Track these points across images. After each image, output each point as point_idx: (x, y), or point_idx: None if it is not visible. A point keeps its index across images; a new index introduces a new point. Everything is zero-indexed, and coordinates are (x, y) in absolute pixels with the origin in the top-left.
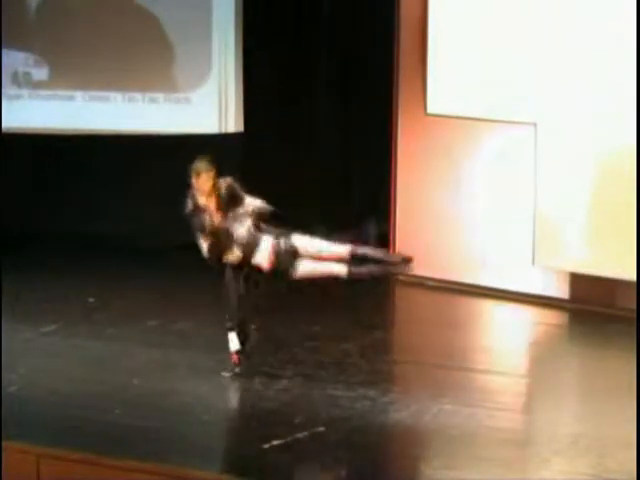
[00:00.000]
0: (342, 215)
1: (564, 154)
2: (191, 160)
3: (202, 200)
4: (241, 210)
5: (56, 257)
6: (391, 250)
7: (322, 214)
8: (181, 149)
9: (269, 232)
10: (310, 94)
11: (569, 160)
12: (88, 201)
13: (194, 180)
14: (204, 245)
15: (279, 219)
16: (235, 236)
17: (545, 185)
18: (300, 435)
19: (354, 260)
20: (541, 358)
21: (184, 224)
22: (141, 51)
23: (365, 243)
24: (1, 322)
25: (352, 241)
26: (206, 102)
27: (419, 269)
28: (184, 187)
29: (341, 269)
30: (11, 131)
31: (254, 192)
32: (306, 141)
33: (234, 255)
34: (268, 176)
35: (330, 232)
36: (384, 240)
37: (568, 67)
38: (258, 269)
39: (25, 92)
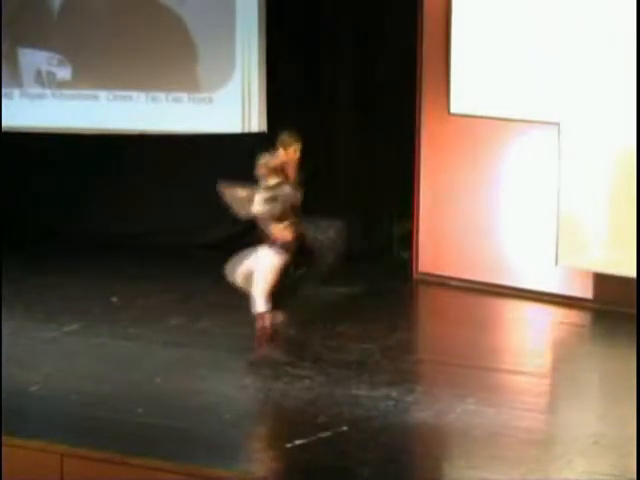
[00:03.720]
0: (366, 214)
1: (587, 154)
2: (213, 160)
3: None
4: None
5: (78, 257)
6: (413, 252)
7: (345, 214)
8: (202, 149)
9: None
10: (333, 94)
11: (592, 160)
12: (110, 200)
13: (281, 151)
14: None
15: None
16: None
17: (568, 185)
18: (323, 435)
19: None
20: (564, 358)
21: (205, 223)
22: (165, 51)
23: None
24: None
25: None
26: (229, 102)
27: (443, 269)
28: (205, 186)
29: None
30: (34, 130)
31: None
32: (329, 141)
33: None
34: None
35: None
36: (408, 241)
37: (591, 67)
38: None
39: (48, 92)
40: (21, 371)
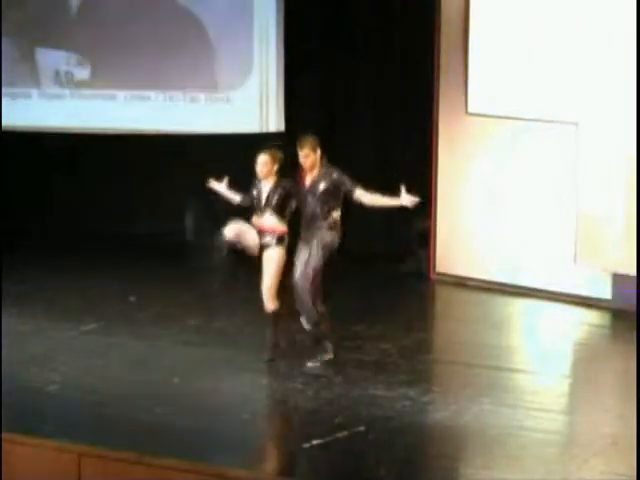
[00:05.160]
0: (383, 215)
1: (606, 153)
2: (227, 159)
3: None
4: None
5: (96, 256)
6: (431, 252)
7: (362, 214)
8: (217, 148)
9: None
10: (350, 93)
11: (611, 159)
12: (127, 200)
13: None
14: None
15: None
16: None
17: (587, 184)
18: (340, 435)
19: None
20: (582, 358)
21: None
22: (182, 51)
23: None
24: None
25: None
26: (247, 101)
27: (460, 269)
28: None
29: None
30: (52, 130)
31: None
32: (346, 139)
33: None
34: None
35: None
36: (425, 239)
37: (610, 66)
38: None
39: (67, 91)
40: (39, 370)
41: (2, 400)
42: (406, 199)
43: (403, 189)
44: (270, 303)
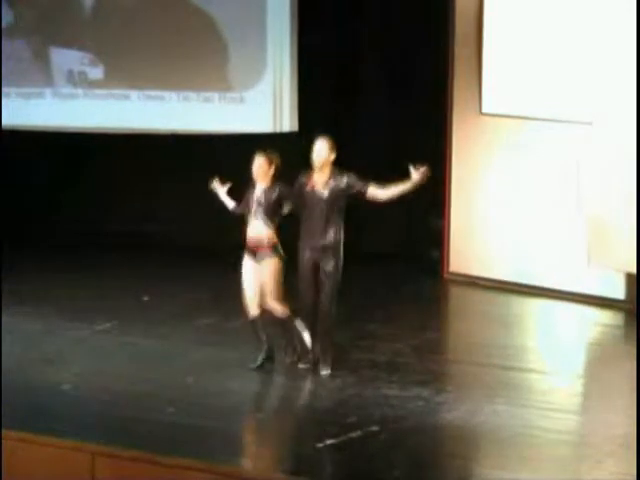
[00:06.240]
0: (396, 214)
1: (620, 153)
2: (242, 159)
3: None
4: None
5: (110, 256)
6: (444, 251)
7: (375, 214)
8: (233, 148)
9: None
10: (364, 93)
11: (625, 159)
12: (141, 200)
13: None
14: None
15: None
16: None
17: (601, 184)
18: (354, 435)
19: None
20: (595, 358)
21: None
22: (196, 50)
23: None
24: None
25: None
26: (260, 101)
27: (473, 268)
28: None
29: None
30: (65, 130)
31: None
32: (359, 140)
33: None
34: None
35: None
36: (438, 239)
37: (624, 67)
38: None
39: (80, 91)
40: (53, 370)
41: (16, 399)
42: (416, 175)
43: (412, 168)
44: (253, 309)
